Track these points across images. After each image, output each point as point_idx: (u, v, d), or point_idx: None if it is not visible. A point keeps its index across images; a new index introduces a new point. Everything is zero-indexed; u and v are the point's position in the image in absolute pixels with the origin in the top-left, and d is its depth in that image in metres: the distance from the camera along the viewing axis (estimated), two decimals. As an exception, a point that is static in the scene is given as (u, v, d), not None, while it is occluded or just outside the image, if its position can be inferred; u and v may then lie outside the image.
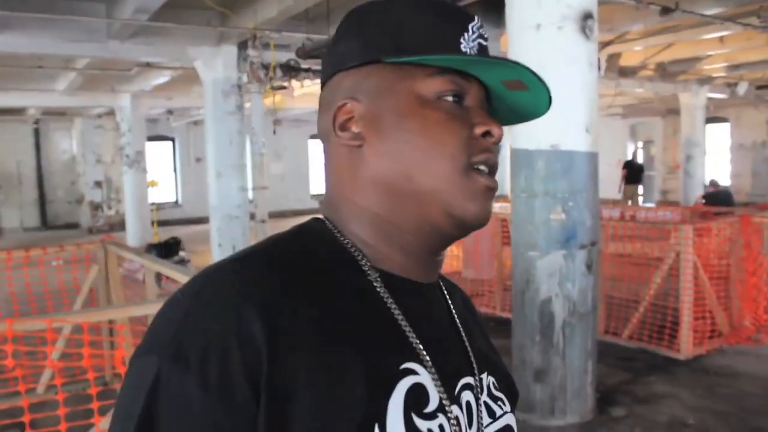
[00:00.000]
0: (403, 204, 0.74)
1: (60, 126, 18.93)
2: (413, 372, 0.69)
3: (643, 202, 19.49)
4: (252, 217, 9.42)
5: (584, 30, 4.03)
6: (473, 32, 0.75)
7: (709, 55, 11.89)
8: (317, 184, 22.10)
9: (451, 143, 0.72)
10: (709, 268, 5.75)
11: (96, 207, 18.49)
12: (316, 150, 22.12)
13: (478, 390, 0.78)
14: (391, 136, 0.73)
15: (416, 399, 0.68)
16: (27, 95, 13.68)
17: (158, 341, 0.64)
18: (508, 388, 0.87)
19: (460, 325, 0.81)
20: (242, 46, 8.81)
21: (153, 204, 13.99)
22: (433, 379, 0.70)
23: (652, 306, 5.93)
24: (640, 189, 18.32)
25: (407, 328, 0.72)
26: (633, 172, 16.97)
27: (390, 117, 0.73)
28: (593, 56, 4.14)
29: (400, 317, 0.72)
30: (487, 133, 0.74)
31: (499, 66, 0.74)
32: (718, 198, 11.57)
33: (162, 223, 14.65)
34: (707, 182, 14.29)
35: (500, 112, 0.80)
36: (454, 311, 0.82)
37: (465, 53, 0.74)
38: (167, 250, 10.20)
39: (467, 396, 0.76)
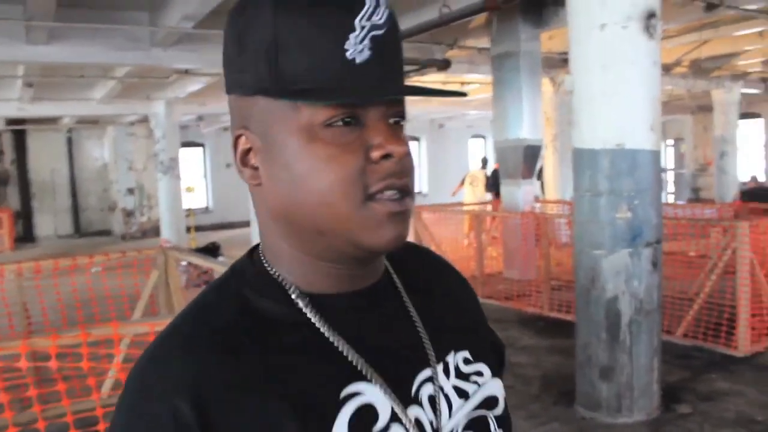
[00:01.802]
0: (308, 240, 0.71)
1: (92, 134, 19.19)
2: (357, 394, 0.69)
3: (675, 199, 19.33)
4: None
5: (648, 29, 4.04)
6: (362, 28, 0.66)
7: (746, 51, 11.80)
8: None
9: (341, 180, 0.66)
10: (765, 265, 5.73)
11: (129, 214, 18.70)
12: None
13: (439, 378, 0.76)
14: (282, 177, 0.69)
15: (364, 420, 0.68)
16: (63, 104, 13.88)
17: (118, 407, 0.69)
18: (492, 351, 0.86)
19: (414, 313, 0.78)
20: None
21: (187, 210, 14.13)
22: (383, 391, 0.70)
23: (707, 303, 5.91)
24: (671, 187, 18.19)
25: (344, 349, 0.70)
26: None
27: (279, 154, 0.68)
28: (657, 55, 4.15)
29: (335, 340, 0.70)
30: (386, 156, 0.67)
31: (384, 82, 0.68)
32: (757, 194, 11.47)
33: (195, 229, 14.80)
34: (743, 179, 14.16)
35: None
36: (406, 299, 0.79)
37: (352, 61, 0.65)
38: (207, 255, 10.29)
39: (428, 389, 0.75)
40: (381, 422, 0.69)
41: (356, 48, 0.65)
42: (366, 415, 0.68)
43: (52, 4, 6.59)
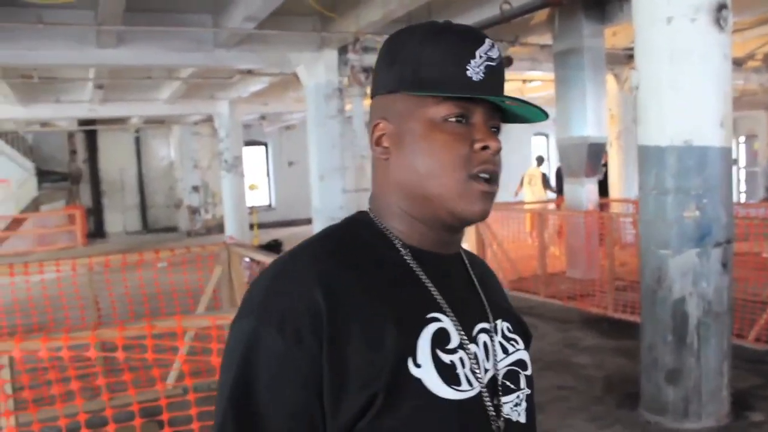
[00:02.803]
0: (419, 204, 0.94)
1: (158, 134, 19.73)
2: (437, 320, 0.90)
3: (747, 199, 18.64)
4: (353, 218, 9.55)
5: (718, 21, 3.90)
6: (480, 57, 0.90)
7: (824, 43, 11.28)
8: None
9: (452, 160, 0.90)
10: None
11: (194, 211, 19.13)
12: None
13: (493, 332, 0.99)
14: (408, 153, 0.93)
15: (440, 339, 0.89)
16: (131, 105, 14.31)
17: (250, 306, 0.88)
18: (523, 332, 1.07)
19: (477, 284, 1.02)
20: (342, 50, 8.95)
21: (251, 207, 14.37)
22: (454, 325, 0.91)
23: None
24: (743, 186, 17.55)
25: (431, 288, 0.93)
26: None
27: (408, 137, 0.93)
28: (727, 48, 4.00)
29: (426, 280, 0.93)
30: (485, 147, 0.91)
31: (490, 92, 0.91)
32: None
33: (258, 226, 15.04)
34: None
35: (515, 117, 0.97)
36: (472, 273, 1.03)
37: (470, 78, 0.89)
38: (269, 251, 10.43)
39: (483, 337, 0.96)
40: (452, 344, 0.90)
41: (475, 70, 0.90)
42: (442, 335, 0.90)
43: (121, 9, 6.79)
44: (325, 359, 0.82)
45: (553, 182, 12.34)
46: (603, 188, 10.14)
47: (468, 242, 10.98)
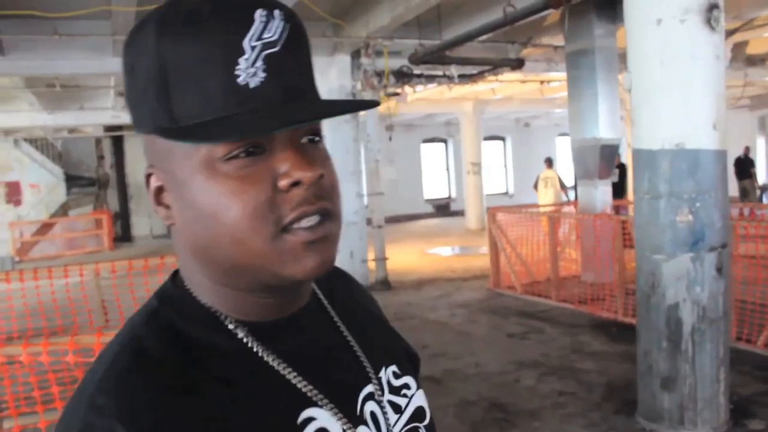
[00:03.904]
0: (232, 275, 0.67)
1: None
2: (312, 419, 0.68)
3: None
4: (368, 222, 9.60)
5: (709, 21, 3.84)
6: (253, 49, 0.61)
7: None
8: (430, 188, 22.15)
9: (248, 215, 0.62)
10: None
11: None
12: (428, 154, 22.20)
13: (379, 393, 0.77)
14: (191, 215, 0.65)
15: None
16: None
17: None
18: (409, 360, 0.87)
19: (346, 333, 0.79)
20: (355, 55, 9.00)
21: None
22: (333, 413, 0.70)
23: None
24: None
25: (292, 376, 0.69)
26: (741, 168, 16.27)
27: (185, 193, 0.65)
28: (720, 48, 3.94)
29: (282, 368, 0.69)
30: (295, 183, 0.63)
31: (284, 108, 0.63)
32: None
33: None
34: None
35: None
36: (336, 318, 0.79)
37: (245, 87, 0.61)
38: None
39: (371, 406, 0.75)
40: None
41: (248, 72, 0.61)
42: None
43: (133, 18, 6.92)
44: None
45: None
46: (620, 190, 10.03)
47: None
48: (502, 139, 22.81)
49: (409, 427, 0.80)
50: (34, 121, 13.51)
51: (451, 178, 22.35)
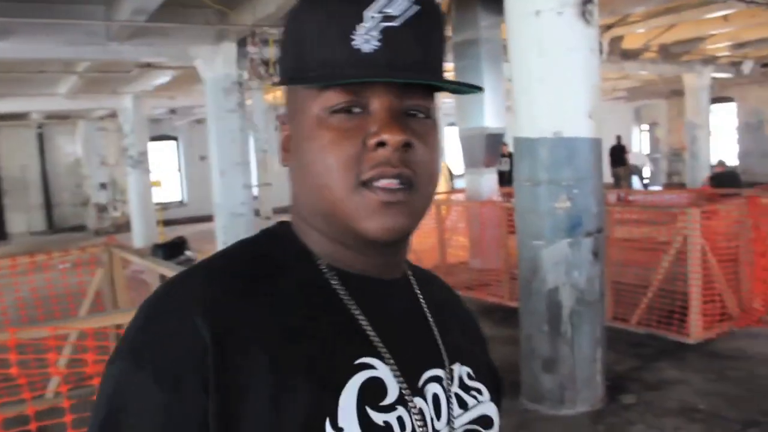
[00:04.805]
0: (321, 219, 0.75)
1: (63, 129, 18.96)
2: (369, 366, 0.71)
3: (648, 185, 19.36)
4: (257, 213, 9.43)
5: (584, 15, 3.98)
6: (372, 18, 0.68)
7: (713, 35, 11.78)
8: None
9: (337, 164, 0.70)
10: (717, 251, 5.70)
11: (102, 209, 18.52)
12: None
13: (448, 381, 0.78)
14: (299, 159, 0.74)
15: (372, 393, 0.69)
16: (30, 100, 13.72)
17: (123, 347, 0.69)
18: (491, 379, 0.87)
19: (430, 317, 0.81)
20: (241, 43, 8.78)
21: (158, 204, 14.00)
22: (393, 372, 0.72)
23: (661, 291, 5.88)
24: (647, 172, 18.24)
25: (364, 323, 0.73)
26: (615, 155, 17.25)
27: (298, 138, 0.74)
28: (594, 41, 4.09)
29: (357, 313, 0.73)
30: (380, 143, 0.69)
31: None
32: (724, 179, 11.47)
33: (168, 223, 14.69)
34: (714, 163, 14.19)
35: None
36: (424, 304, 0.82)
37: (357, 51, 0.68)
38: (173, 250, 10.19)
39: (434, 388, 0.76)
40: (388, 399, 0.70)
41: (363, 38, 0.68)
42: (375, 388, 0.70)
43: (0, -1, 6.46)
44: (212, 417, 0.64)
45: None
46: (510, 178, 10.31)
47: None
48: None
49: (471, 427, 0.80)
50: None
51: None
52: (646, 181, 19.17)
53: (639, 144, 21.99)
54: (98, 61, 10.03)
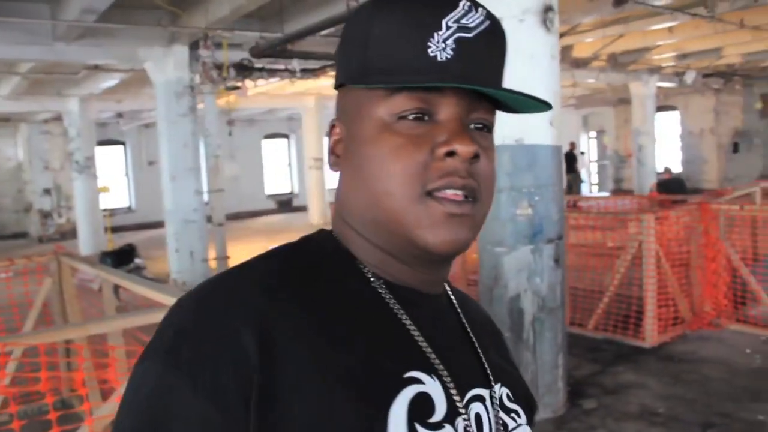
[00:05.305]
0: (374, 229, 0.72)
1: (4, 132, 18.33)
2: (418, 381, 0.68)
3: (599, 191, 19.74)
4: (209, 220, 9.25)
5: (545, 22, 4.00)
6: (449, 28, 0.67)
7: (659, 45, 12.07)
8: (272, 185, 21.87)
9: (402, 171, 0.68)
10: (670, 256, 5.82)
11: (45, 215, 17.96)
12: (269, 150, 21.90)
13: (489, 401, 0.76)
14: (356, 164, 0.72)
15: (421, 408, 0.67)
16: (-33, 101, 13.21)
17: (158, 347, 0.66)
18: (526, 400, 0.85)
19: (472, 335, 0.80)
20: (194, 46, 8.62)
21: (106, 210, 13.65)
22: (444, 388, 0.70)
23: (616, 296, 5.97)
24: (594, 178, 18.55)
25: (417, 336, 0.71)
26: (568, 162, 17.57)
27: (356, 142, 0.72)
28: (555, 48, 4.12)
29: (409, 324, 0.71)
30: (450, 153, 0.67)
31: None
32: (671, 185, 11.77)
33: (116, 230, 14.32)
34: (660, 170, 14.53)
35: (511, 105, 0.75)
36: (465, 321, 0.81)
37: (433, 58, 0.67)
38: (122, 257, 9.92)
39: (477, 407, 0.74)
40: (437, 416, 0.68)
41: (439, 46, 0.67)
42: (423, 403, 0.67)
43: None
44: (253, 426, 0.61)
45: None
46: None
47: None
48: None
49: None
50: None
51: (294, 174, 22.18)
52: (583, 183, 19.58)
53: (588, 150, 22.37)
54: (43, 62, 9.71)
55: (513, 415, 0.80)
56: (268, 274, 0.70)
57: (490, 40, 0.71)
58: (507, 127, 4.06)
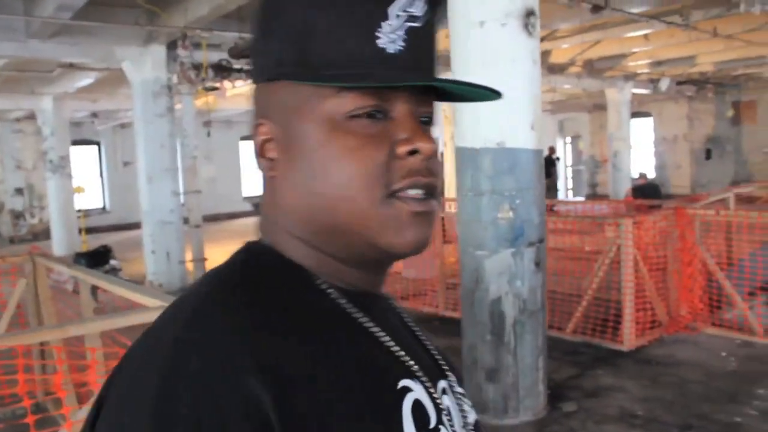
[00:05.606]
0: (325, 236, 0.67)
1: (-25, 131, 18.03)
2: (409, 389, 0.66)
3: (574, 195, 19.90)
4: (186, 221, 9.17)
5: (527, 27, 4.02)
6: (398, 17, 0.63)
7: (634, 52, 12.21)
8: (249, 186, 21.75)
9: (362, 174, 0.63)
10: (647, 260, 5.87)
11: (17, 216, 17.67)
12: (247, 151, 21.77)
13: (452, 392, 0.76)
14: (301, 167, 0.66)
15: (420, 417, 0.65)
16: (-63, 98, 12.96)
17: (142, 401, 0.55)
18: (460, 374, 0.85)
19: (419, 332, 0.79)
20: (172, 45, 8.55)
21: (80, 211, 13.47)
22: (425, 391, 0.68)
23: (595, 299, 6.01)
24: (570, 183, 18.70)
25: (388, 342, 0.68)
26: (546, 166, 17.66)
27: (299, 144, 0.66)
28: (536, 53, 4.13)
29: (377, 332, 0.68)
30: (413, 151, 0.64)
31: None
32: (646, 190, 11.88)
33: (90, 231, 14.12)
34: (635, 175, 14.68)
35: (452, 94, 0.70)
36: (407, 319, 0.80)
37: (383, 51, 0.63)
38: (97, 258, 9.76)
39: (446, 400, 0.73)
40: (433, 421, 0.67)
41: (389, 37, 0.63)
42: (420, 411, 0.66)
43: None
44: None
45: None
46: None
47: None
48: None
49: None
50: None
51: (272, 176, 22.05)
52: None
53: (564, 155, 22.54)
54: (16, 59, 9.56)
55: (465, 398, 0.79)
56: (251, 308, 0.62)
57: (431, 28, 0.67)
58: (488, 130, 4.07)
